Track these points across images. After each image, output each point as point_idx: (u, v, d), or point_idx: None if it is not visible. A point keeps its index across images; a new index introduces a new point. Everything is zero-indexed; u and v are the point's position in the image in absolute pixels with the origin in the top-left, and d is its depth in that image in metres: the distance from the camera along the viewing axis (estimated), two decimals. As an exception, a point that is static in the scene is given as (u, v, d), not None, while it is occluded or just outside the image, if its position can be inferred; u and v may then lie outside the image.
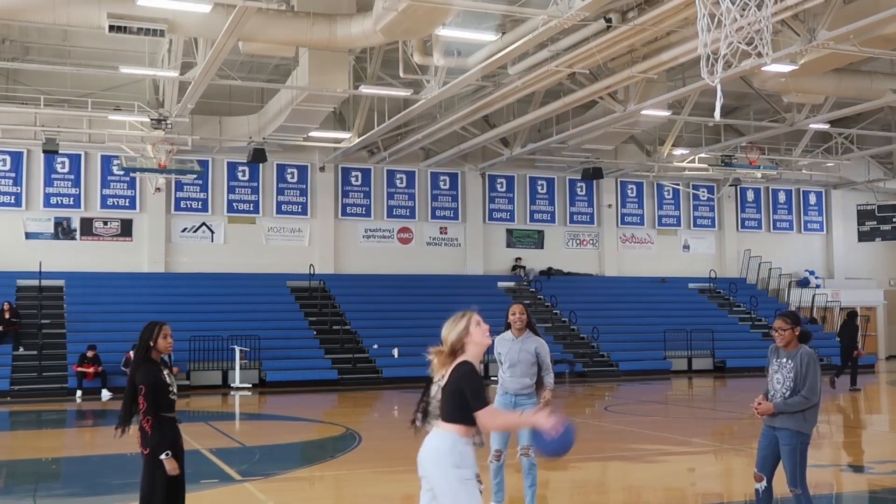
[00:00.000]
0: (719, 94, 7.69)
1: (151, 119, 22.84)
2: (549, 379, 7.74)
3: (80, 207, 26.24)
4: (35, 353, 22.12)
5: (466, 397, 4.51)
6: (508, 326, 7.90)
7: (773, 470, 6.55)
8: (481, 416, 4.51)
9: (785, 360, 6.47)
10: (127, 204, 26.69)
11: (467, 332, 4.66)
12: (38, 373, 21.66)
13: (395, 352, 24.20)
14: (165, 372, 6.25)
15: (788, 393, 6.38)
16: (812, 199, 35.18)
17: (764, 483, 6.53)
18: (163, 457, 6.10)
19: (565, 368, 25.11)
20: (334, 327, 25.34)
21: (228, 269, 27.11)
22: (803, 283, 33.26)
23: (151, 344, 6.18)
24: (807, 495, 6.39)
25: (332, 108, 23.08)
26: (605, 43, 16.43)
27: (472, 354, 4.68)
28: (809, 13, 15.51)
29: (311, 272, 27.06)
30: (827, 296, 32.71)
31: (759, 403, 6.54)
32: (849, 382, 21.35)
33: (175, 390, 6.30)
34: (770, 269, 33.33)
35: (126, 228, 26.68)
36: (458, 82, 18.85)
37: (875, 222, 32.87)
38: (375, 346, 24.66)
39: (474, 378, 4.56)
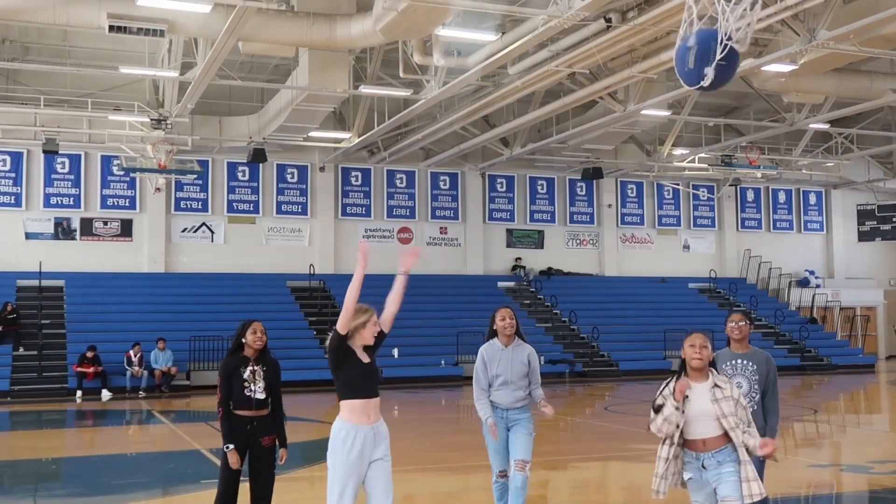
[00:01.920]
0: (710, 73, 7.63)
1: (151, 119, 22.84)
2: (540, 391, 6.96)
3: (80, 207, 26.24)
4: (35, 353, 22.13)
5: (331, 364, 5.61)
6: (493, 334, 6.95)
7: None
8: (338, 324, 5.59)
9: (741, 360, 6.23)
10: (127, 204, 26.69)
11: (363, 327, 5.72)
12: (38, 373, 21.66)
13: (395, 352, 24.19)
14: (250, 368, 6.27)
15: (757, 396, 6.15)
16: (812, 198, 35.17)
17: None
18: (224, 448, 6.22)
19: (565, 368, 25.12)
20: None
21: (228, 269, 27.11)
22: (803, 283, 33.27)
23: (243, 340, 6.31)
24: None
25: (332, 108, 23.09)
26: (605, 43, 16.43)
27: (357, 342, 5.70)
28: (809, 13, 15.50)
29: (311, 272, 27.06)
30: (827, 296, 32.74)
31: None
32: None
33: (255, 388, 6.25)
34: (770, 268, 33.32)
35: (126, 228, 26.68)
36: (458, 82, 18.85)
37: (875, 222, 32.87)
38: (375, 346, 24.62)
39: (330, 348, 5.66)
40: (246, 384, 6.26)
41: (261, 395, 6.29)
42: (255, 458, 6.35)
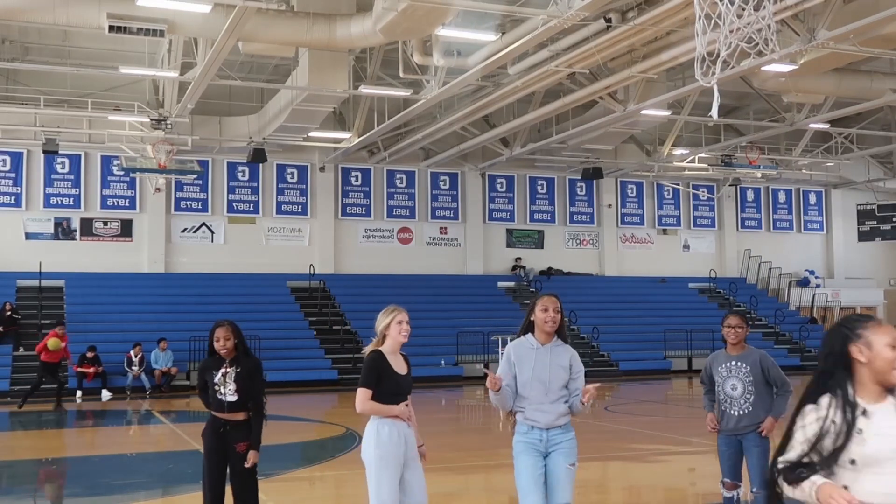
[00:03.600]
0: (716, 94, 7.71)
1: (151, 119, 22.85)
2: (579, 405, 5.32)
3: (80, 207, 26.24)
4: (35, 353, 22.09)
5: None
6: (528, 329, 5.41)
7: (740, 475, 6.43)
8: (357, 395, 5.42)
9: (736, 362, 6.24)
10: (127, 204, 26.69)
11: (388, 328, 5.45)
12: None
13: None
14: (222, 371, 6.14)
15: (752, 397, 6.17)
16: (812, 198, 35.18)
17: (740, 489, 6.41)
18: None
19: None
20: (334, 327, 25.35)
21: (228, 269, 27.11)
22: (803, 283, 33.26)
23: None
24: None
25: (332, 108, 23.09)
26: (605, 43, 16.43)
27: (388, 346, 5.48)
28: (809, 13, 15.51)
29: (311, 272, 27.05)
30: (827, 296, 32.73)
31: (715, 425, 6.39)
32: None
33: (225, 391, 6.10)
34: (770, 268, 33.33)
35: (126, 228, 26.68)
36: (458, 82, 18.85)
37: (875, 222, 32.87)
38: (375, 346, 24.63)
39: (367, 365, 5.45)
40: (217, 387, 6.13)
41: (232, 398, 6.09)
42: (233, 463, 6.15)
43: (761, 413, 6.21)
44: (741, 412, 6.23)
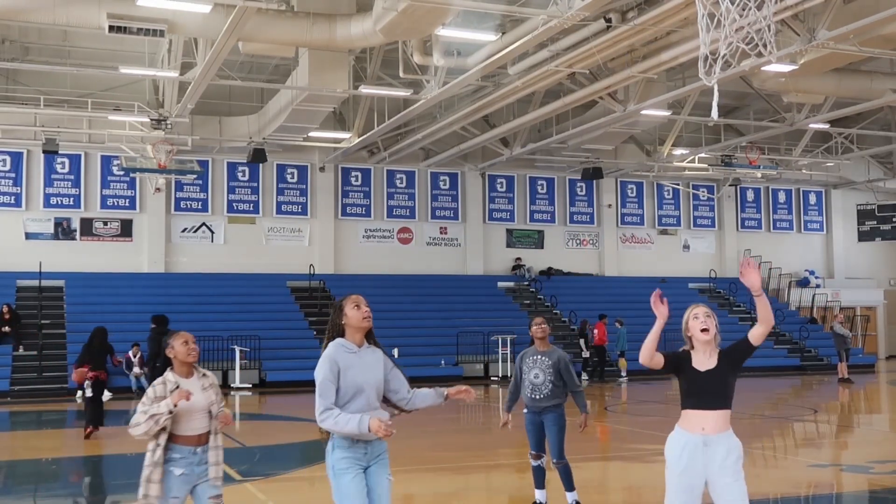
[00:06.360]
0: (716, 94, 7.71)
1: (151, 119, 22.85)
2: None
3: (80, 207, 26.24)
4: (35, 353, 22.13)
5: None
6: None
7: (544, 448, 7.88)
8: None
9: (540, 357, 7.76)
10: (127, 204, 26.69)
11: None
12: (38, 373, 21.66)
13: (395, 352, 24.15)
14: None
15: (550, 385, 7.71)
16: (812, 198, 35.17)
17: (544, 458, 7.94)
18: None
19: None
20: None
21: (228, 269, 27.10)
22: (803, 283, 33.26)
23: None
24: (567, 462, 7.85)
25: (332, 108, 23.08)
26: (605, 43, 16.44)
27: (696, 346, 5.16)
28: (809, 13, 15.51)
29: (311, 272, 27.05)
30: (827, 296, 32.72)
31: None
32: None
33: None
34: (770, 269, 33.31)
35: (126, 228, 26.67)
36: (458, 82, 18.85)
37: (875, 222, 32.88)
38: (375, 346, 24.63)
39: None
40: None
41: None
42: None
43: (561, 393, 7.81)
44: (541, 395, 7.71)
